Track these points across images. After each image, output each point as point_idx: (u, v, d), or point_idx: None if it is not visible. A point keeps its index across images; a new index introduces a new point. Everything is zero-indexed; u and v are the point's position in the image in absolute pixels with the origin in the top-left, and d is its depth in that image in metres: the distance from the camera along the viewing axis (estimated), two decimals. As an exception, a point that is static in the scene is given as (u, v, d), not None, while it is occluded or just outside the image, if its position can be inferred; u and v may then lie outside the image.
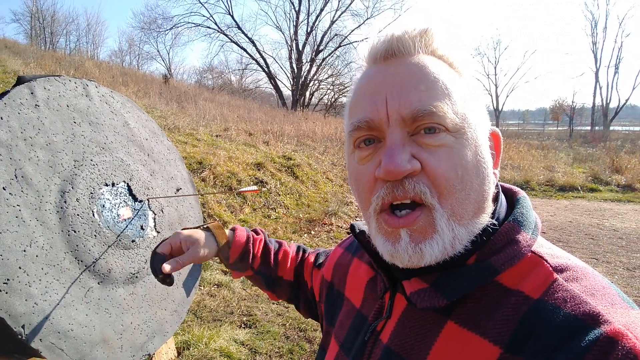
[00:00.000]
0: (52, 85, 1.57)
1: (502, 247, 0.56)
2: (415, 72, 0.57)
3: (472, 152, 0.56)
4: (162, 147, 2.05)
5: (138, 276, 1.65)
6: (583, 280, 0.52)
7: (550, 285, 0.52)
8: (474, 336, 0.53)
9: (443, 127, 0.54)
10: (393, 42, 0.59)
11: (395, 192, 0.55)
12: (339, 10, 27.88)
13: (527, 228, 0.58)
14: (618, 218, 7.93)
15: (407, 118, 0.55)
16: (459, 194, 0.54)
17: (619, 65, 32.89)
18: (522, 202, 0.62)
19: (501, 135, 0.66)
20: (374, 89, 0.58)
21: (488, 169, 0.59)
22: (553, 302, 0.50)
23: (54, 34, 32.50)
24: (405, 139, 0.55)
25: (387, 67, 0.59)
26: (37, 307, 1.29)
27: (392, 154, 0.54)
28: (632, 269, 5.10)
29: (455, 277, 0.56)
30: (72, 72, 10.61)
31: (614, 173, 11.98)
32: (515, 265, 0.55)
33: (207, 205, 5.69)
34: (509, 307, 0.52)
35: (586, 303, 0.48)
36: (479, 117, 0.60)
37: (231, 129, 9.64)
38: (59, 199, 1.43)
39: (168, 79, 16.51)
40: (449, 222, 0.54)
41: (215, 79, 33.00)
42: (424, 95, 0.55)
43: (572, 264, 0.55)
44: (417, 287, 0.59)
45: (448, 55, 0.61)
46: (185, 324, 3.24)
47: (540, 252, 0.57)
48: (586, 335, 0.45)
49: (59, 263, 1.38)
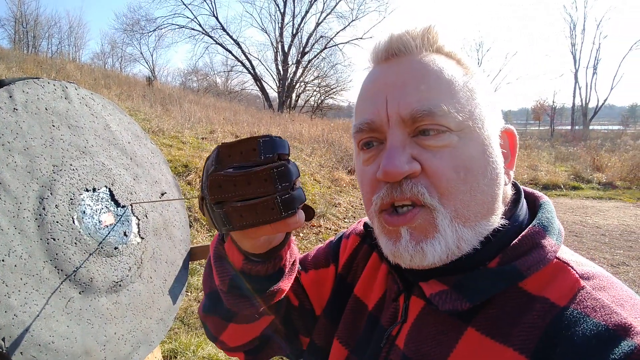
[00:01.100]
0: (30, 88, 1.52)
1: (527, 251, 0.54)
2: (416, 72, 0.56)
3: (478, 152, 0.54)
4: (146, 151, 2.00)
5: (122, 284, 1.60)
6: (610, 289, 0.51)
7: (578, 293, 0.50)
8: (497, 344, 0.51)
9: (445, 127, 0.53)
10: (393, 41, 0.58)
11: (393, 194, 0.54)
12: (324, 12, 28.03)
13: (552, 234, 0.56)
14: (600, 215, 8.11)
15: (407, 119, 0.53)
16: (463, 195, 0.53)
17: (597, 67, 33.84)
18: (547, 207, 0.61)
19: (516, 134, 0.63)
20: (375, 90, 0.58)
21: (498, 168, 0.57)
22: (582, 310, 0.48)
23: (36, 38, 31.85)
24: (406, 140, 0.54)
25: (389, 67, 0.58)
26: (16, 319, 1.24)
27: (391, 155, 0.53)
28: (616, 265, 5.21)
29: (477, 279, 0.54)
30: (54, 75, 10.41)
31: (595, 171, 12.29)
32: (540, 271, 0.53)
33: (194, 209, 5.61)
34: (534, 314, 0.50)
35: (617, 314, 0.47)
36: (489, 114, 0.58)
37: (217, 132, 9.55)
38: (38, 205, 1.38)
39: (152, 81, 16.29)
40: (452, 224, 0.52)
41: (200, 81, 32.77)
42: (425, 94, 0.53)
43: (598, 272, 0.54)
44: (437, 289, 0.56)
45: (455, 52, 0.59)
46: (172, 332, 3.18)
47: (566, 259, 0.55)
48: (618, 346, 0.43)
49: (38, 273, 1.33)
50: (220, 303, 0.70)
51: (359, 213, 7.40)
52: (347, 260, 0.79)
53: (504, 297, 0.53)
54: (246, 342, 0.76)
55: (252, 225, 0.45)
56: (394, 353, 0.60)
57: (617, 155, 14.14)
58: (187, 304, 3.71)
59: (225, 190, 0.44)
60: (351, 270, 0.78)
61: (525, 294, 0.53)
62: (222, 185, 0.44)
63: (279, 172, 0.43)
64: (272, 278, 0.62)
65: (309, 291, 0.82)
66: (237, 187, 0.44)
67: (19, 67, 10.27)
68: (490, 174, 0.55)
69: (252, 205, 0.44)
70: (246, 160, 0.45)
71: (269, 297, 0.63)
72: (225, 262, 0.63)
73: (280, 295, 0.64)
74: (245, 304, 0.63)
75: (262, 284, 0.61)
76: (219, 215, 0.46)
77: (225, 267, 0.62)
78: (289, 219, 0.45)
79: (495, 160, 0.56)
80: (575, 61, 34.09)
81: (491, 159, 0.55)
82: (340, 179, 9.14)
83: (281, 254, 0.62)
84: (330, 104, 30.18)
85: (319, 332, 0.76)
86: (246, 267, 0.59)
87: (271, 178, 0.43)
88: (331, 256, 0.83)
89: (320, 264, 0.83)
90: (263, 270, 0.60)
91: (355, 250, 0.80)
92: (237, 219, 0.45)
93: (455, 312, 0.54)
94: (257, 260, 0.59)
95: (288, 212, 0.44)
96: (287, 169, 0.44)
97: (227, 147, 0.46)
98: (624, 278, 4.76)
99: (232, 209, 0.44)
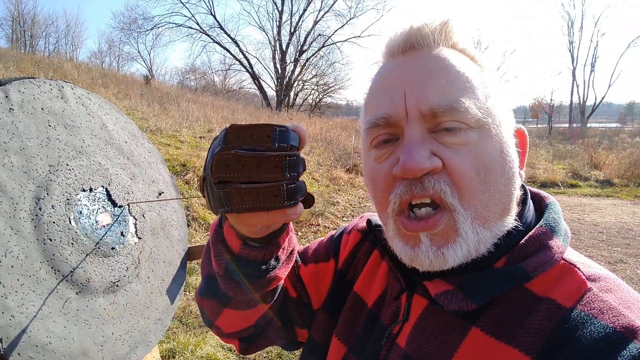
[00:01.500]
0: (26, 87, 1.51)
1: (534, 252, 0.53)
2: (435, 65, 0.54)
3: (497, 150, 0.53)
4: (143, 150, 1.99)
5: (119, 285, 1.60)
6: (617, 291, 0.51)
7: (584, 295, 0.50)
8: (502, 345, 0.50)
9: (465, 125, 0.51)
10: (412, 33, 0.56)
11: (414, 190, 0.51)
12: (322, 10, 27.98)
13: (559, 234, 0.56)
14: (598, 213, 8.13)
15: (427, 114, 0.51)
16: (482, 195, 0.51)
17: (595, 64, 33.83)
18: (553, 208, 0.60)
19: (527, 133, 0.62)
20: (392, 83, 0.55)
21: (514, 168, 0.56)
22: (589, 312, 0.48)
23: (33, 37, 31.68)
24: (425, 135, 0.52)
25: (406, 60, 0.56)
26: (14, 319, 1.23)
27: (411, 150, 0.50)
28: (614, 263, 5.22)
29: (483, 280, 0.53)
30: (51, 74, 10.37)
31: (592, 169, 12.31)
32: (546, 272, 0.53)
33: (192, 209, 5.60)
34: (540, 315, 0.50)
35: (624, 316, 0.46)
36: (504, 113, 0.57)
37: (215, 130, 9.54)
38: (34, 206, 1.37)
39: (149, 80, 16.24)
40: (473, 225, 0.51)
41: (198, 80, 32.72)
42: (445, 89, 0.52)
43: (604, 274, 0.53)
44: (442, 289, 0.55)
45: (469, 49, 0.58)
46: (171, 331, 3.17)
47: (572, 260, 0.54)
48: (626, 348, 0.43)
49: (35, 273, 1.32)
50: (216, 287, 0.68)
51: (357, 212, 7.40)
52: (348, 257, 0.78)
53: (509, 298, 0.53)
54: (241, 329, 0.76)
55: (251, 209, 0.44)
56: (394, 352, 0.60)
57: (615, 152, 14.17)
58: (185, 303, 3.71)
59: (232, 170, 0.43)
60: (351, 266, 0.77)
61: (530, 294, 0.52)
62: (229, 164, 0.43)
63: (290, 161, 0.43)
64: (269, 264, 0.61)
65: (308, 285, 0.81)
66: (245, 168, 0.43)
67: (17, 67, 10.22)
68: (508, 173, 0.54)
69: (256, 190, 0.43)
70: (258, 144, 0.44)
71: (265, 283, 0.62)
72: (223, 245, 0.61)
73: (276, 283, 0.63)
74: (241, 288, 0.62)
75: (258, 270, 0.60)
76: (219, 196, 0.45)
77: (223, 251, 0.61)
78: (290, 208, 0.45)
79: (512, 159, 0.55)
80: (573, 59, 34.13)
81: (508, 157, 0.54)
82: (339, 177, 9.13)
83: (279, 241, 0.60)
84: (329, 102, 30.19)
85: (317, 327, 0.75)
86: (243, 251, 0.58)
87: (282, 165, 0.43)
88: (332, 251, 0.82)
89: (320, 258, 0.82)
90: (260, 256, 0.59)
91: (356, 247, 0.79)
92: (237, 201, 0.44)
93: (460, 312, 0.53)
94: (255, 246, 0.58)
95: (290, 201, 0.44)
96: (299, 159, 0.44)
97: (237, 128, 0.44)
98: (622, 275, 4.78)
99: (234, 190, 0.43)
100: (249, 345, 0.80)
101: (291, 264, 0.67)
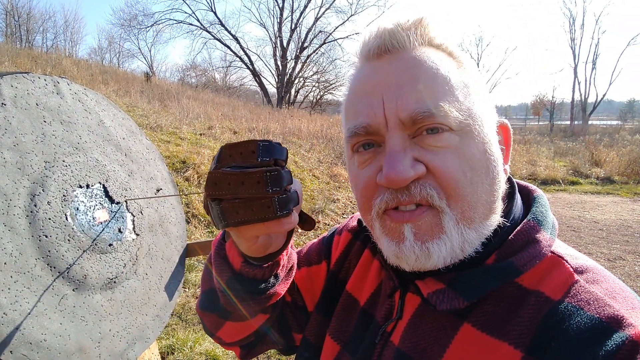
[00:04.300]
0: (19, 82, 1.49)
1: (523, 247, 0.53)
2: (411, 69, 0.52)
3: (480, 151, 0.52)
4: (141, 147, 1.97)
5: (116, 281, 1.59)
6: (603, 282, 0.51)
7: (572, 287, 0.50)
8: (493, 340, 0.51)
9: (446, 127, 0.51)
10: (385, 37, 0.55)
11: (400, 198, 0.51)
12: (322, 7, 27.86)
13: (547, 228, 0.56)
14: (598, 210, 8.12)
15: (406, 121, 0.51)
16: (470, 197, 0.51)
17: (596, 61, 33.77)
18: (540, 201, 0.60)
19: (510, 127, 0.62)
20: (370, 91, 0.54)
21: (498, 166, 0.56)
22: (576, 304, 0.48)
23: (30, 32, 31.48)
24: (406, 142, 0.52)
25: (382, 64, 0.55)
26: (6, 317, 1.22)
27: (393, 161, 0.50)
28: (613, 260, 5.21)
29: (473, 277, 0.53)
30: (49, 70, 10.32)
31: (593, 166, 12.29)
32: (535, 266, 0.53)
33: (192, 206, 5.59)
34: (529, 308, 0.50)
35: (609, 306, 0.47)
36: (485, 109, 0.56)
37: (215, 127, 9.51)
38: (29, 202, 1.36)
39: (150, 77, 16.20)
40: (458, 226, 0.51)
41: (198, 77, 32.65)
42: (423, 94, 0.51)
43: (591, 265, 0.54)
44: (433, 288, 0.55)
45: (446, 44, 0.57)
46: (170, 328, 3.17)
47: (560, 253, 0.54)
48: (611, 338, 0.44)
49: (30, 270, 1.31)
50: (217, 301, 0.70)
51: (357, 209, 7.37)
52: (340, 257, 0.79)
53: (500, 293, 0.53)
54: (242, 338, 0.78)
55: (246, 222, 0.46)
56: (388, 349, 0.60)
57: (615, 150, 14.13)
58: (184, 300, 3.70)
59: (220, 188, 0.46)
60: (343, 266, 0.77)
61: (520, 288, 0.52)
62: (217, 183, 0.45)
63: (272, 176, 0.44)
64: (268, 282, 0.63)
65: (302, 288, 0.82)
66: (231, 185, 0.45)
67: (12, 62, 10.12)
68: (492, 172, 0.54)
69: (249, 203, 0.45)
70: (245, 161, 0.46)
71: (264, 300, 0.64)
72: (225, 262, 0.63)
73: (275, 299, 0.65)
74: (242, 304, 0.64)
75: (258, 287, 0.62)
76: (216, 211, 0.47)
77: (225, 267, 0.63)
78: (284, 218, 0.47)
79: (496, 158, 0.55)
80: (575, 56, 34.04)
81: (492, 157, 0.54)
82: (339, 174, 9.12)
83: (279, 260, 0.63)
84: (330, 99, 30.11)
85: (311, 328, 0.76)
86: (244, 269, 0.60)
87: (264, 181, 0.44)
88: (323, 253, 0.83)
89: (312, 261, 0.83)
90: (260, 274, 0.61)
91: (347, 247, 0.79)
92: (232, 215, 0.46)
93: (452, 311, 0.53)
94: (256, 264, 0.60)
95: (283, 211, 0.46)
96: (280, 174, 0.45)
97: (229, 147, 0.47)
98: (620, 272, 4.77)
99: (229, 205, 0.46)
100: (250, 351, 0.82)
101: (291, 279, 0.69)
